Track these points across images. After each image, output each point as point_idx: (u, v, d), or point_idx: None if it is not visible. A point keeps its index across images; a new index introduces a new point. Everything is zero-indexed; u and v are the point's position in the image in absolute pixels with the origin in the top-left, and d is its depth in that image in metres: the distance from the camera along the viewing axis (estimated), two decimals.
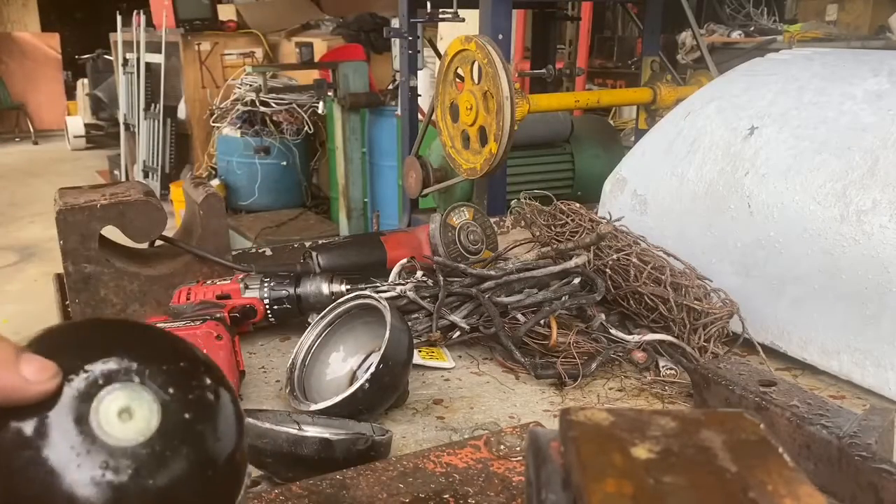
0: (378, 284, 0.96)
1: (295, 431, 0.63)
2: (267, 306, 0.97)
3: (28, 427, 0.31)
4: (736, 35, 4.71)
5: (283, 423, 0.70)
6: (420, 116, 2.43)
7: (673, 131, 1.13)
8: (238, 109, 4.82)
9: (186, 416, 0.33)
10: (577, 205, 1.11)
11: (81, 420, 0.32)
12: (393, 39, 2.57)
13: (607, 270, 0.98)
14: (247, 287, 0.97)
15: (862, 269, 0.83)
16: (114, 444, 0.32)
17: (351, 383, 0.83)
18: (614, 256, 0.97)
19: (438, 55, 2.29)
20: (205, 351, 0.39)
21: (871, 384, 0.83)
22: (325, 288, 0.97)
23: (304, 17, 5.92)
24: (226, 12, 5.92)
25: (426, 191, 2.11)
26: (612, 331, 0.92)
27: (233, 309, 0.94)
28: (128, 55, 6.01)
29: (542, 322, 0.90)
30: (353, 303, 0.87)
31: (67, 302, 1.01)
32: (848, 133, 0.91)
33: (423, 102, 2.53)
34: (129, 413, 0.32)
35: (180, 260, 1.06)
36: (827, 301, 0.86)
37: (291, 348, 0.87)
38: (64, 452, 0.31)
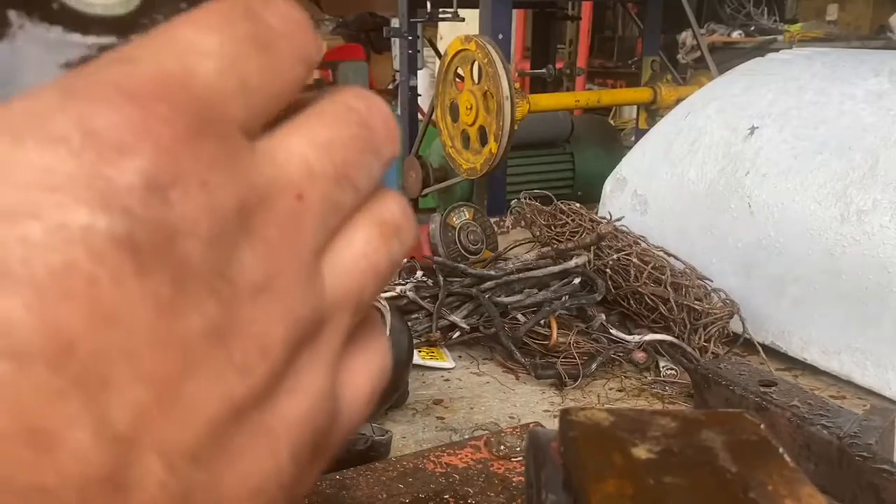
0: None
1: None
2: None
3: None
4: (736, 35, 4.71)
5: None
6: (420, 116, 2.43)
7: (673, 131, 1.13)
8: None
9: None
10: (578, 205, 1.11)
11: None
12: (393, 39, 2.58)
13: (607, 270, 0.98)
14: None
15: (862, 269, 0.83)
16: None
17: None
18: (614, 256, 0.97)
19: (438, 55, 2.29)
20: None
21: (872, 384, 0.83)
22: None
23: None
24: None
25: (426, 191, 2.11)
26: (613, 331, 0.92)
27: None
28: None
29: (542, 322, 0.90)
30: None
31: None
32: (848, 133, 0.91)
33: (423, 102, 2.52)
34: None
35: None
36: (827, 301, 0.86)
37: None
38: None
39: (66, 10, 0.21)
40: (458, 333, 0.93)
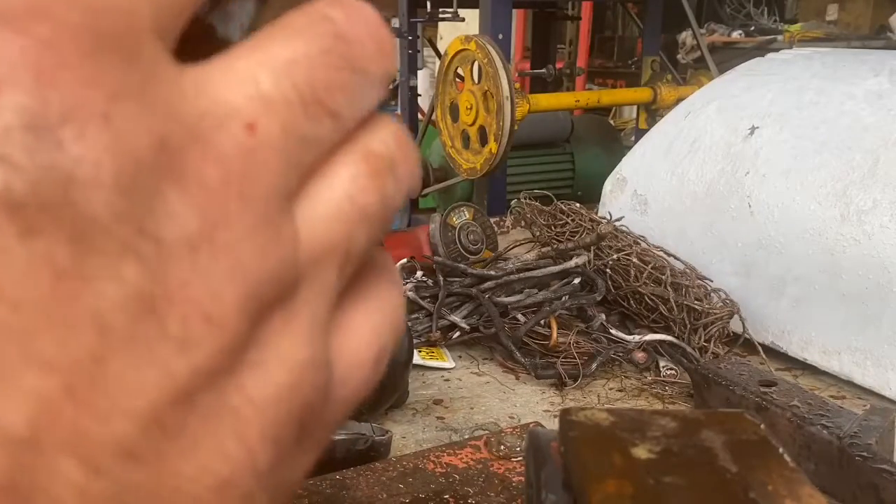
0: None
1: None
2: None
3: None
4: (736, 35, 4.71)
5: None
6: (420, 116, 2.43)
7: (673, 131, 1.13)
8: None
9: None
10: (578, 205, 1.11)
11: None
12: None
13: (607, 270, 0.98)
14: None
15: (862, 269, 0.83)
16: None
17: None
18: (614, 256, 0.97)
19: (438, 55, 2.29)
20: None
21: (872, 384, 0.83)
22: None
23: None
24: None
25: (426, 191, 2.11)
26: (613, 331, 0.92)
27: None
28: None
29: (542, 322, 0.90)
30: None
31: None
32: (848, 133, 0.91)
33: (423, 102, 2.53)
34: None
35: None
36: (827, 301, 0.86)
37: None
38: None
39: None
40: (458, 333, 0.93)
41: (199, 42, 0.16)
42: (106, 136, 0.12)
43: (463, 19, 2.15)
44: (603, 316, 0.93)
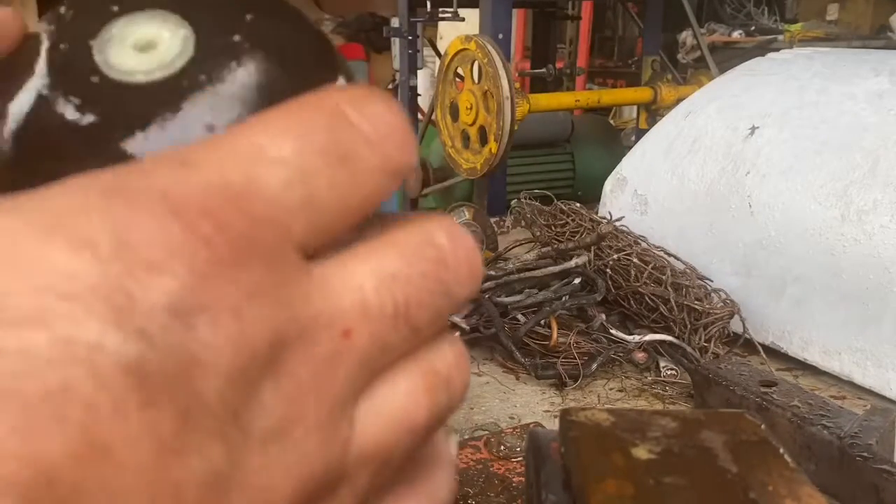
0: None
1: None
2: None
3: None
4: (736, 34, 4.70)
5: None
6: (420, 116, 2.43)
7: (673, 131, 1.13)
8: None
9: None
10: (578, 205, 1.11)
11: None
12: (393, 39, 2.57)
13: (608, 270, 0.98)
14: None
15: (863, 269, 0.83)
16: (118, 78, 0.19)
17: None
18: (615, 256, 0.97)
19: (438, 55, 2.29)
20: None
21: (872, 384, 0.83)
22: None
23: None
24: None
25: (426, 191, 2.11)
26: (613, 331, 0.92)
27: None
28: None
29: (542, 322, 0.90)
30: None
31: None
32: (849, 133, 0.91)
33: (423, 102, 2.52)
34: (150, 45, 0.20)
35: None
36: (828, 301, 0.86)
37: None
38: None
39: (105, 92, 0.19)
40: (457, 333, 0.93)
41: None
42: (234, 328, 0.13)
43: (463, 19, 2.14)
44: (603, 316, 0.93)
